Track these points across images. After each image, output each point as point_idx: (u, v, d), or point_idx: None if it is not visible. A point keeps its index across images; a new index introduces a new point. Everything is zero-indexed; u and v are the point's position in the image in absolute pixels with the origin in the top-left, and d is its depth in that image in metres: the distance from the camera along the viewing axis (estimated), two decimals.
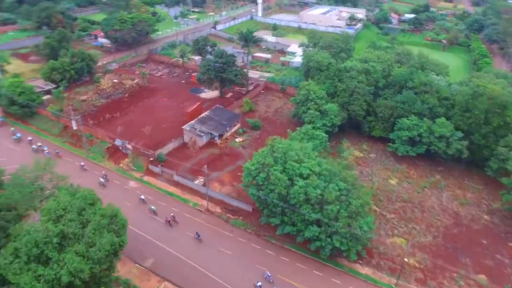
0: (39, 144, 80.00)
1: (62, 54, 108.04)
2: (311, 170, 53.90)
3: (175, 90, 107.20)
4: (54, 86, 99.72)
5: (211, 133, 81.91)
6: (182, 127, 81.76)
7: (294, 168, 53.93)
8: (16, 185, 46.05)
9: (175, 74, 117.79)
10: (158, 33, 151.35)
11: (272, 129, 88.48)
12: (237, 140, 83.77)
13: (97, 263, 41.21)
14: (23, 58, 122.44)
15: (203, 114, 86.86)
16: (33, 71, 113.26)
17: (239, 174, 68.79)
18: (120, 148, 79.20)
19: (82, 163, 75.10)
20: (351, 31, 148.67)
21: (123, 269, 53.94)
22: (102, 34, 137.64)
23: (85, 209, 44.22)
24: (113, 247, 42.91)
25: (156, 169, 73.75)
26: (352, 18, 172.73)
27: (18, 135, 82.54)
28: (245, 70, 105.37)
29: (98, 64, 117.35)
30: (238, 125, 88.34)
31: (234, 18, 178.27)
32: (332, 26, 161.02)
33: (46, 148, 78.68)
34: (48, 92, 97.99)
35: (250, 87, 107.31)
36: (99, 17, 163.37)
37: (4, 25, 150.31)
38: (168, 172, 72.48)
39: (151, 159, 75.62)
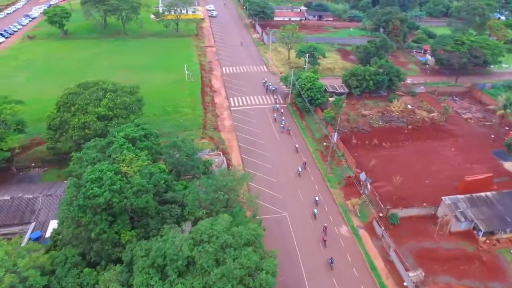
0: (283, 118, 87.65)
1: (372, 62, 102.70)
2: None
3: (473, 143, 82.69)
4: (346, 91, 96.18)
5: (476, 223, 57.74)
6: (442, 197, 61.23)
7: None
8: (201, 187, 44.36)
9: (488, 123, 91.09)
10: (503, 65, 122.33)
11: None
12: None
13: None
14: (344, 55, 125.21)
15: (483, 193, 62.32)
16: (342, 69, 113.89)
17: None
18: (361, 184, 67.76)
19: (297, 145, 78.49)
20: None
21: None
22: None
23: (231, 247, 37.52)
24: None
25: (378, 230, 58.63)
26: None
27: (277, 106, 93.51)
28: None
29: (407, 81, 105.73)
30: None
31: None
32: None
33: (283, 123, 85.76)
34: (338, 94, 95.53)
35: None
36: (442, 31, 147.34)
37: (350, 21, 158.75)
38: (388, 241, 56.15)
39: (381, 214, 60.77)
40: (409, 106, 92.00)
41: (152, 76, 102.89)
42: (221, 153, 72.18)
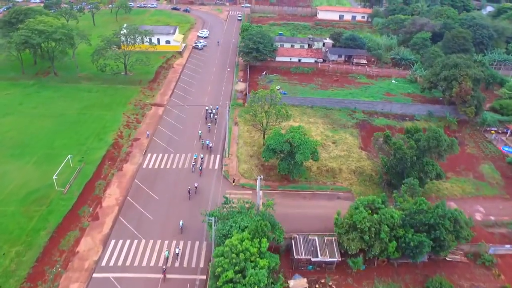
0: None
1: (403, 189, 51.73)
2: None
3: None
4: (335, 260, 45.68)
5: None
6: None
7: None
8: None
9: None
10: None
11: None
12: None
13: None
14: (369, 135, 73.17)
15: None
16: (355, 172, 63.62)
17: None
18: None
19: None
20: None
21: None
22: None
23: None
24: None
25: None
26: None
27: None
28: None
29: (476, 216, 54.57)
30: None
31: None
32: None
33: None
34: (319, 264, 45.78)
35: None
36: None
37: (395, 66, 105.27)
38: None
39: None
40: None
41: (13, 173, 59.93)
42: None
